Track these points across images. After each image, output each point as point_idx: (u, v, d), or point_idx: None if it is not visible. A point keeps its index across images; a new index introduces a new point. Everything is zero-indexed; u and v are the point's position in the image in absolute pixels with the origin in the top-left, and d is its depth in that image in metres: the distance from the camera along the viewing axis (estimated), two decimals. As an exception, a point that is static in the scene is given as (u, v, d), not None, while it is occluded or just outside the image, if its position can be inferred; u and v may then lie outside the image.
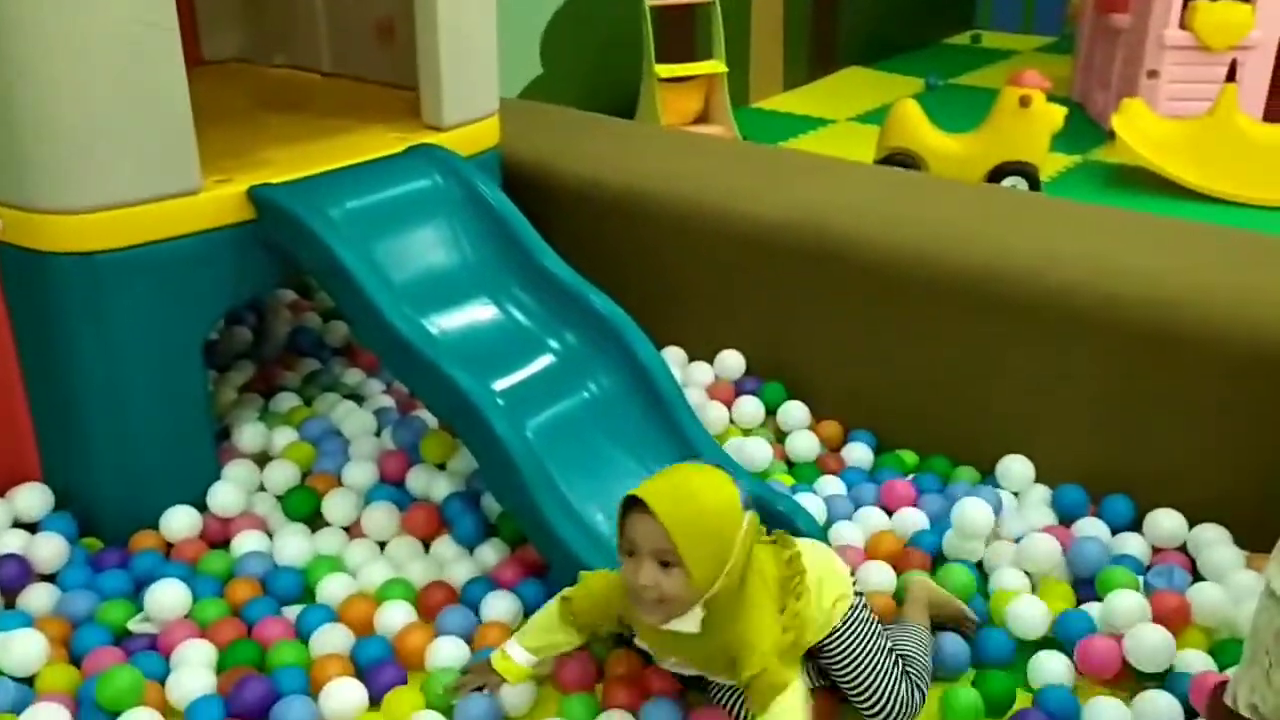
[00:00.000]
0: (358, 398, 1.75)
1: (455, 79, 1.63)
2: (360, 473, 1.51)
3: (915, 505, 1.48)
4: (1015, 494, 1.51)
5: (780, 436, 1.68)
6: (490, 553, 1.40)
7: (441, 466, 1.52)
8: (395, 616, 1.28)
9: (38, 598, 1.33)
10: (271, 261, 1.46)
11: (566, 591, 1.14)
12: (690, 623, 1.04)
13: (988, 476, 1.55)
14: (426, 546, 1.44)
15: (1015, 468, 1.52)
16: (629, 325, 1.47)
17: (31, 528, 1.42)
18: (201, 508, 1.47)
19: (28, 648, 1.21)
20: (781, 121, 3.65)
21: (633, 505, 1.00)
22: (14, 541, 1.38)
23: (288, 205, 1.38)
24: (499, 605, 1.31)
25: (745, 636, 1.04)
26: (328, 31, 2.02)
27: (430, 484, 1.49)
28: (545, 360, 1.45)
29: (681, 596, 1.01)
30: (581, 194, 1.88)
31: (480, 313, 1.46)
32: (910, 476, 1.57)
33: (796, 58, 4.07)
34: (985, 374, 1.56)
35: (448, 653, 1.23)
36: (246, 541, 1.43)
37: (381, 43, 1.93)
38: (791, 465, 1.62)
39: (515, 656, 1.14)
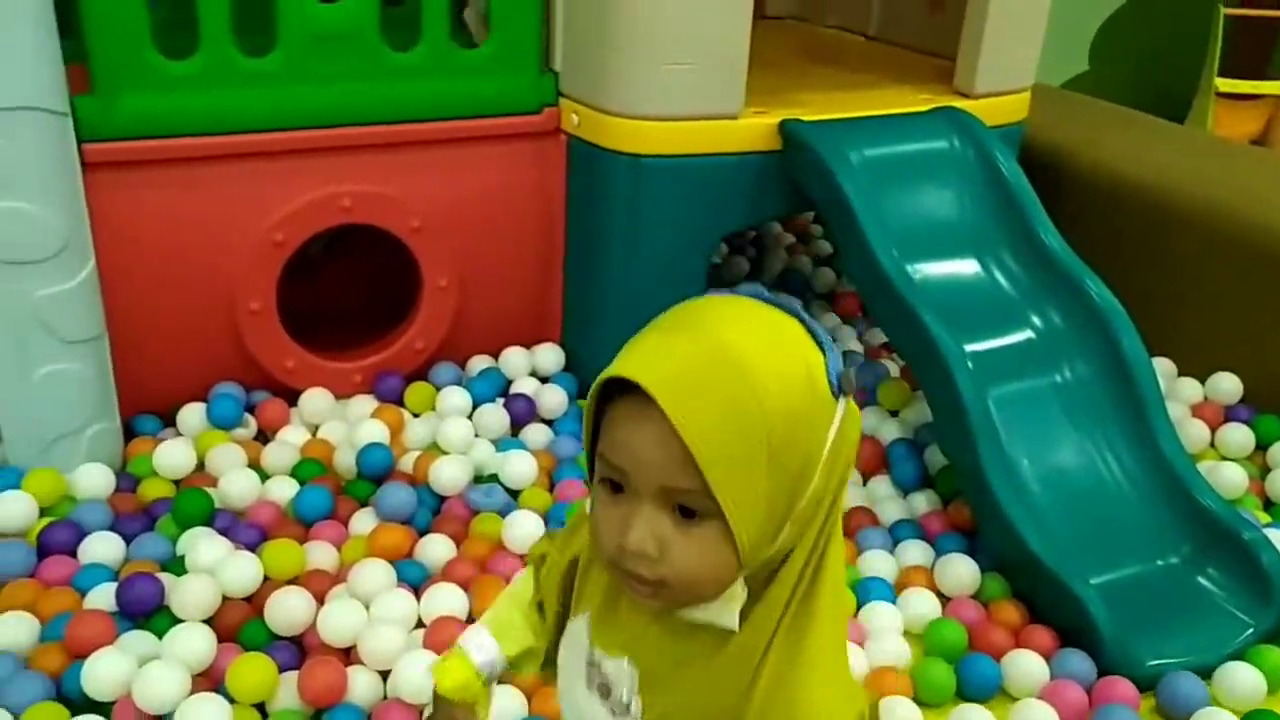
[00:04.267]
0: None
1: (994, 49, 1.66)
2: (818, 400, 1.61)
3: None
4: None
5: (1264, 473, 1.54)
6: (922, 501, 1.44)
7: (894, 413, 1.58)
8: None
9: (536, 434, 1.58)
10: (786, 191, 1.58)
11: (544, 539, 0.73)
12: (725, 612, 0.57)
13: None
14: (865, 480, 1.51)
15: None
16: (1122, 319, 1.43)
17: (544, 379, 1.69)
18: (676, 398, 1.65)
19: (523, 467, 1.45)
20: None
21: (622, 391, 0.54)
22: (528, 386, 1.65)
23: (812, 140, 1.50)
24: (917, 551, 1.35)
25: (802, 692, 0.57)
26: (880, -2, 2.12)
27: (880, 425, 1.55)
28: (1024, 334, 1.45)
29: (704, 577, 0.55)
30: (1095, 183, 1.83)
31: (967, 272, 1.49)
32: None
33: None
34: None
35: (869, 564, 1.32)
36: (707, 434, 1.59)
37: (930, 12, 1.99)
38: (1269, 505, 1.49)
39: (471, 651, 0.72)
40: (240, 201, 1.45)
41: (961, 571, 1.29)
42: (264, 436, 1.53)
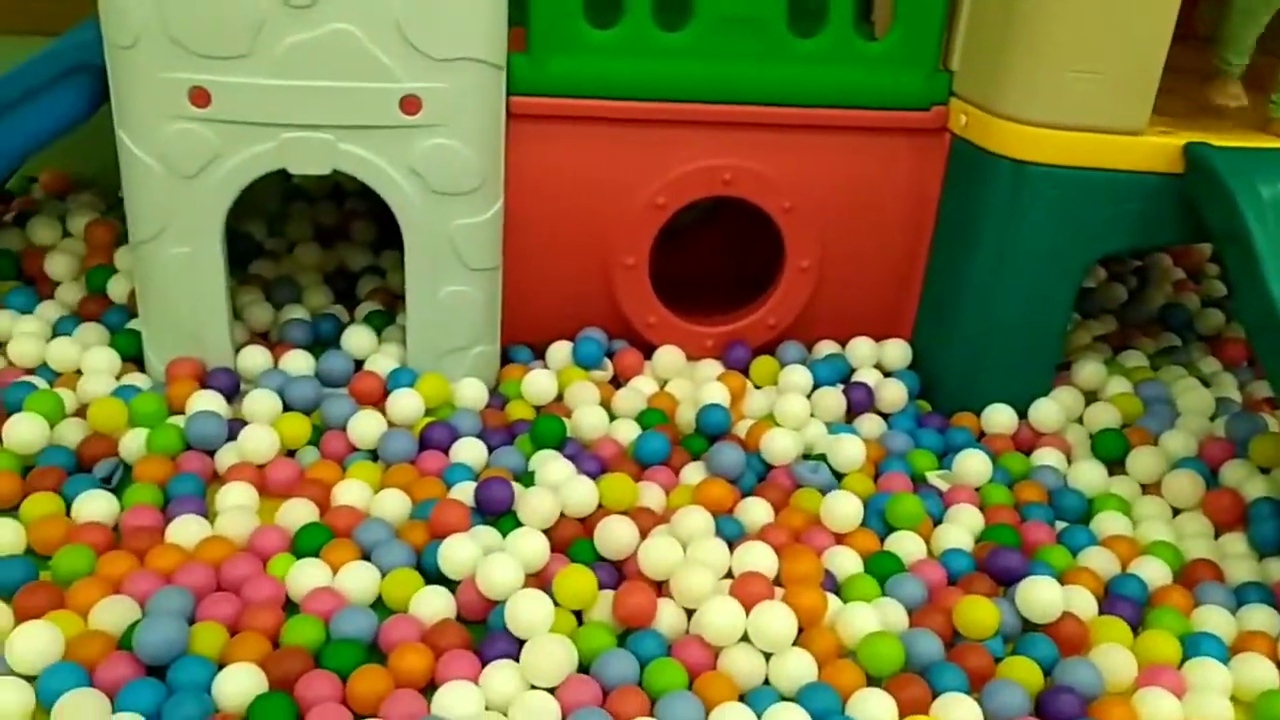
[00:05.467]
0: (1205, 383, 1.72)
1: None
2: (1178, 441, 1.51)
3: None
4: None
5: None
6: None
7: (1264, 470, 1.45)
8: (1154, 570, 1.30)
9: (870, 424, 1.60)
10: (1180, 219, 1.48)
11: None
12: None
13: None
14: (1217, 533, 1.40)
15: None
16: None
17: (887, 374, 1.70)
18: (1021, 415, 1.61)
19: (852, 451, 1.47)
20: None
21: None
22: (870, 377, 1.67)
23: (1218, 166, 1.40)
24: (1264, 617, 1.24)
25: None
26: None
27: (1246, 480, 1.43)
28: None
29: None
30: None
31: (1381, 330, 1.33)
32: None
33: None
34: None
35: (1204, 619, 1.24)
36: (1048, 457, 1.53)
37: (1390, 43, 1.78)
38: None
39: None
40: (633, 163, 1.58)
41: (1313, 649, 1.17)
42: (618, 381, 1.66)
